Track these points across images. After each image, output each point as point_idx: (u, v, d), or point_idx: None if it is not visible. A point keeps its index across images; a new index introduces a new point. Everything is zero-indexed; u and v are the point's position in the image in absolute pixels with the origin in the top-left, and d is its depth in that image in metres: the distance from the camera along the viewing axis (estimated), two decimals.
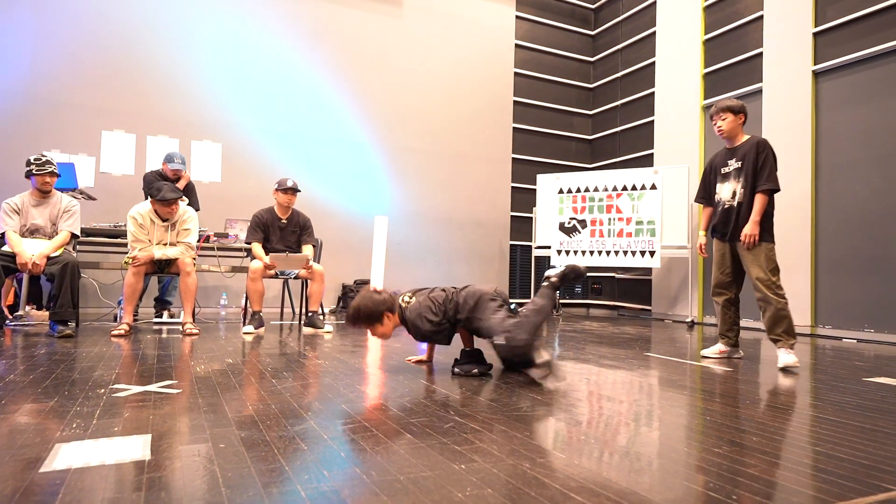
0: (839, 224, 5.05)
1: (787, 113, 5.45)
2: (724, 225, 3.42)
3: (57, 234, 3.94)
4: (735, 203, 3.36)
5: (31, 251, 3.73)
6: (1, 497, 1.13)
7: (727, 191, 3.42)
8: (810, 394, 2.43)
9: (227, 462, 1.37)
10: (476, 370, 2.64)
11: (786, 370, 3.04)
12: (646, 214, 6.30)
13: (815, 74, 5.28)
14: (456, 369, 2.67)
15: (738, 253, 3.35)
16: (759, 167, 3.26)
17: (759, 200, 3.22)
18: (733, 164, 3.39)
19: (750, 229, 3.21)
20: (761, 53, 5.78)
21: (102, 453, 1.41)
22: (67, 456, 1.38)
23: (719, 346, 3.48)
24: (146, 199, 4.87)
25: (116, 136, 5.80)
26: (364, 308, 2.65)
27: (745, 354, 3.63)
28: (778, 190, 3.24)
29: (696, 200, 3.71)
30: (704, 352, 3.54)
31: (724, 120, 3.37)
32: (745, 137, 3.39)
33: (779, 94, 5.54)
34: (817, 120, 5.26)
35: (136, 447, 1.46)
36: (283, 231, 4.70)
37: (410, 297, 2.74)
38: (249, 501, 1.14)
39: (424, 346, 3.08)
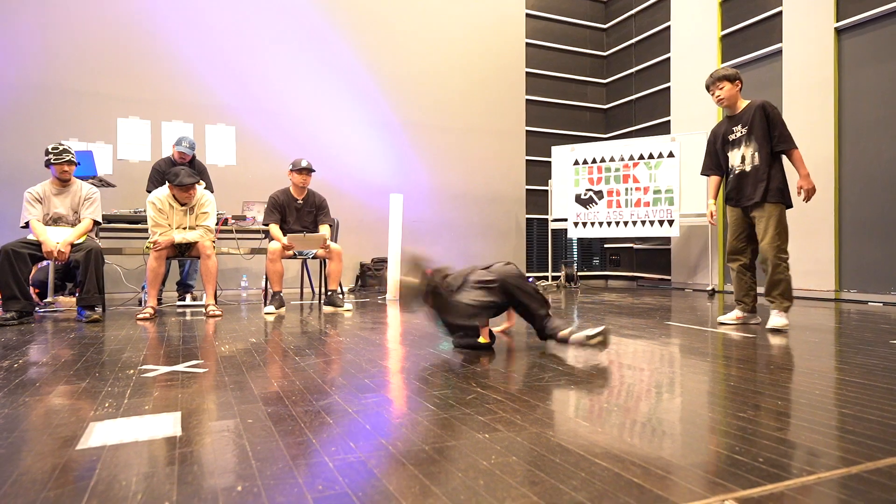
0: (864, 185, 4.92)
1: (808, 73, 5.28)
2: (737, 190, 3.41)
3: (79, 221, 4.01)
4: (747, 167, 3.36)
5: (56, 239, 3.80)
6: (41, 473, 1.17)
7: (737, 157, 3.41)
8: (836, 357, 2.40)
9: (255, 436, 1.40)
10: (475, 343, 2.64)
11: (773, 331, 3.10)
12: (663, 183, 6.21)
13: (838, 32, 5.10)
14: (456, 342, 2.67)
15: (752, 216, 3.34)
16: (771, 128, 3.26)
17: (798, 156, 3.23)
18: (740, 131, 3.39)
19: (807, 183, 3.19)
20: (781, 12, 5.59)
21: (135, 431, 1.45)
22: (102, 434, 1.42)
23: (736, 313, 3.48)
24: (149, 187, 4.94)
25: (132, 123, 5.84)
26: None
27: (762, 320, 3.59)
28: (796, 147, 3.24)
29: (702, 173, 3.71)
30: (721, 318, 3.54)
31: (721, 89, 3.38)
32: (745, 103, 3.39)
33: (800, 53, 5.37)
34: (840, 79, 5.10)
35: (167, 424, 1.50)
36: (299, 211, 4.72)
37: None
38: (279, 473, 1.17)
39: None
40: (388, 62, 6.93)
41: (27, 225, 3.88)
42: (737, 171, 3.42)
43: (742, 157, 3.37)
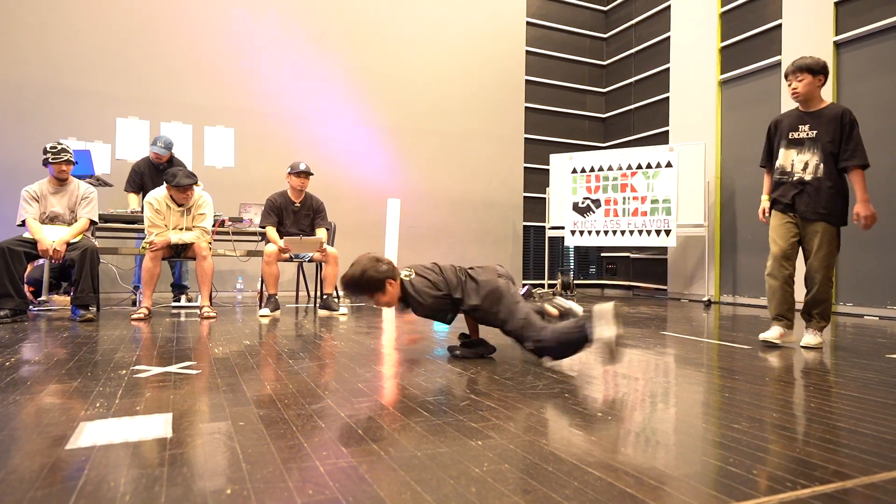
0: None
1: None
2: (792, 199, 3.04)
3: (76, 220, 3.99)
4: (807, 177, 2.99)
5: (52, 238, 3.79)
6: (29, 473, 1.16)
7: (797, 161, 3.04)
8: (832, 371, 2.40)
9: (246, 439, 1.39)
10: (481, 352, 2.61)
11: (807, 348, 2.97)
12: (661, 193, 6.22)
13: (837, 45, 5.13)
14: (457, 352, 2.61)
15: (802, 230, 3.04)
16: (845, 140, 2.91)
17: (859, 177, 2.89)
18: (807, 132, 3.01)
19: (865, 210, 2.88)
20: (780, 25, 5.63)
21: (125, 431, 1.44)
22: (92, 434, 1.41)
23: (779, 329, 3.04)
24: (126, 187, 4.95)
25: (131, 123, 5.84)
26: (366, 275, 2.42)
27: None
28: (868, 165, 2.92)
29: (762, 164, 3.29)
30: (764, 335, 3.08)
31: (800, 81, 2.97)
32: (825, 104, 3.02)
33: None
34: (839, 92, 5.13)
35: (157, 425, 1.49)
36: (296, 214, 4.72)
37: (410, 272, 2.58)
38: (269, 477, 1.16)
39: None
40: (388, 67, 6.95)
41: (23, 223, 3.87)
42: (795, 178, 3.04)
43: (804, 164, 3.01)
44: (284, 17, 6.47)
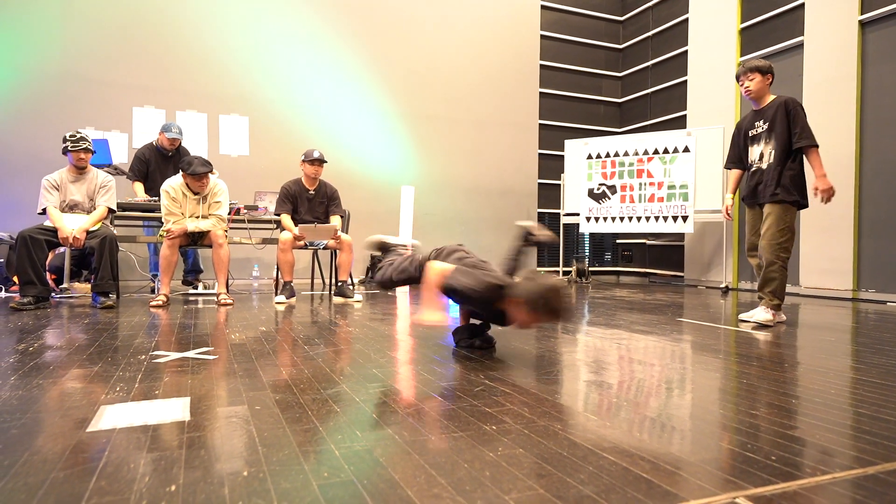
0: (884, 183, 4.82)
1: (830, 67, 5.18)
2: (752, 189, 3.40)
3: (95, 209, 4.05)
4: (764, 165, 3.33)
5: (72, 226, 3.85)
6: (52, 454, 1.18)
7: (756, 154, 3.39)
8: (852, 357, 2.36)
9: (263, 423, 1.40)
10: (477, 343, 2.50)
11: (760, 326, 3.11)
12: (678, 178, 6.13)
13: (862, 24, 4.98)
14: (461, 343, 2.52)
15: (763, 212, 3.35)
16: (792, 124, 3.21)
17: (814, 156, 3.17)
18: (761, 126, 3.36)
19: (823, 184, 3.14)
20: (803, 4, 5.48)
21: (145, 414, 1.46)
22: (112, 417, 1.44)
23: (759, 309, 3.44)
24: (132, 176, 4.97)
25: (147, 112, 5.88)
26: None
27: (786, 319, 3.53)
28: (816, 146, 3.18)
29: (725, 166, 3.69)
30: (743, 315, 3.47)
31: (751, 80, 3.33)
32: (772, 98, 3.35)
33: (822, 47, 5.26)
34: (863, 73, 4.99)
35: (176, 409, 1.51)
36: (311, 202, 4.73)
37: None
38: (285, 459, 1.17)
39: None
40: (402, 54, 6.91)
41: (44, 211, 3.93)
42: (753, 168, 3.41)
43: (760, 155, 3.36)
44: (298, 5, 6.45)
